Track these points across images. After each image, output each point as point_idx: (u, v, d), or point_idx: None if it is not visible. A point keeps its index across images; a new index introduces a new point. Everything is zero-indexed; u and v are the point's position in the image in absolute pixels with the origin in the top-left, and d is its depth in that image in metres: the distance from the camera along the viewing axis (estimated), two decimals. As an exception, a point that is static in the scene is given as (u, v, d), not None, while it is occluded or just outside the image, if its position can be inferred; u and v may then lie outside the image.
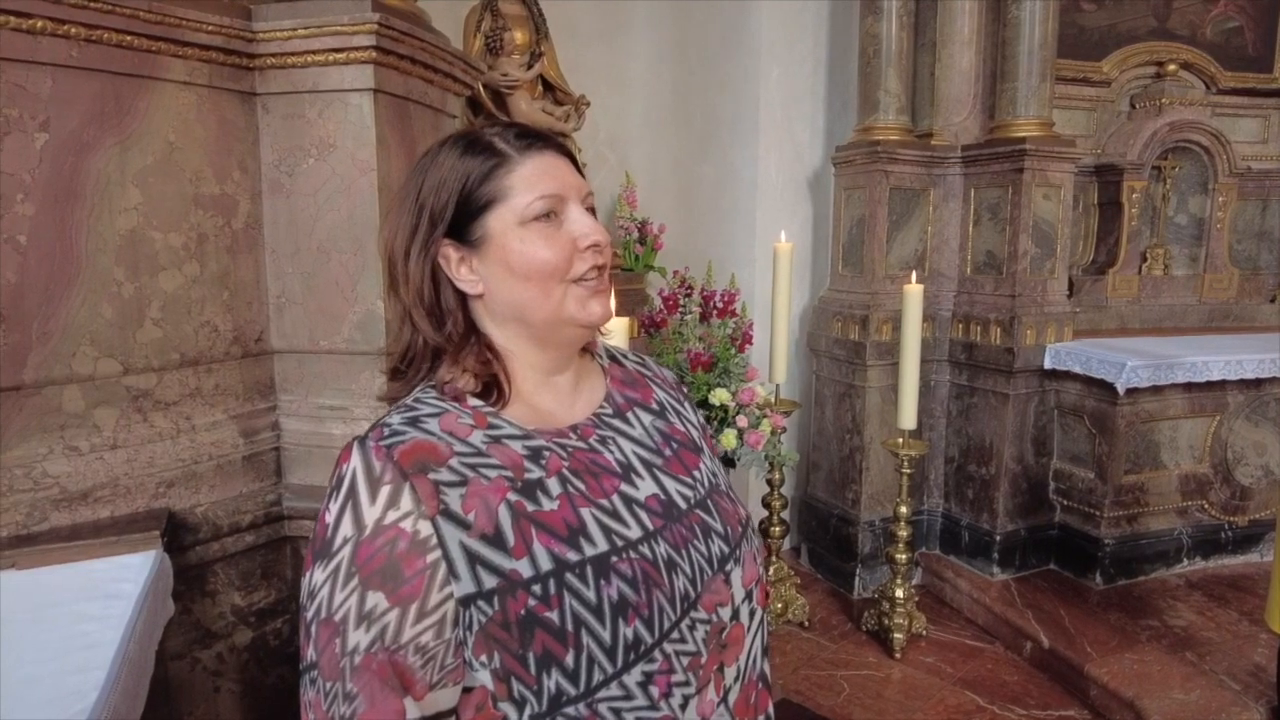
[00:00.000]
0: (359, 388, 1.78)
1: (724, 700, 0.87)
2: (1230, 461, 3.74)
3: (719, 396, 2.84)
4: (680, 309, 3.08)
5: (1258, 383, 3.59)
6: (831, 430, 4.04)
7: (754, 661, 0.93)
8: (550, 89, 3.82)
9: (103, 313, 1.49)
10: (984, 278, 3.76)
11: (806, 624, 3.59)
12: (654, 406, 1.00)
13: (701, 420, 1.07)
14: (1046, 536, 3.81)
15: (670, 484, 0.92)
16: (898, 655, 3.33)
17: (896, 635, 3.34)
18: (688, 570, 0.85)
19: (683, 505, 0.91)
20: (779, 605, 3.52)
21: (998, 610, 3.52)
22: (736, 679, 0.89)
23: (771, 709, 0.97)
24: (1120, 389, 3.33)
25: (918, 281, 3.18)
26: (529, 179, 0.86)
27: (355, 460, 0.79)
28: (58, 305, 1.43)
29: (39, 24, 1.34)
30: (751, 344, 3.16)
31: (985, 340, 3.68)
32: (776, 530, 3.55)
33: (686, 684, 0.82)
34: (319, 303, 1.76)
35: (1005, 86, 3.65)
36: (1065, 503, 3.77)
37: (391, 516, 0.76)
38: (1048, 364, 3.60)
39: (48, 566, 1.28)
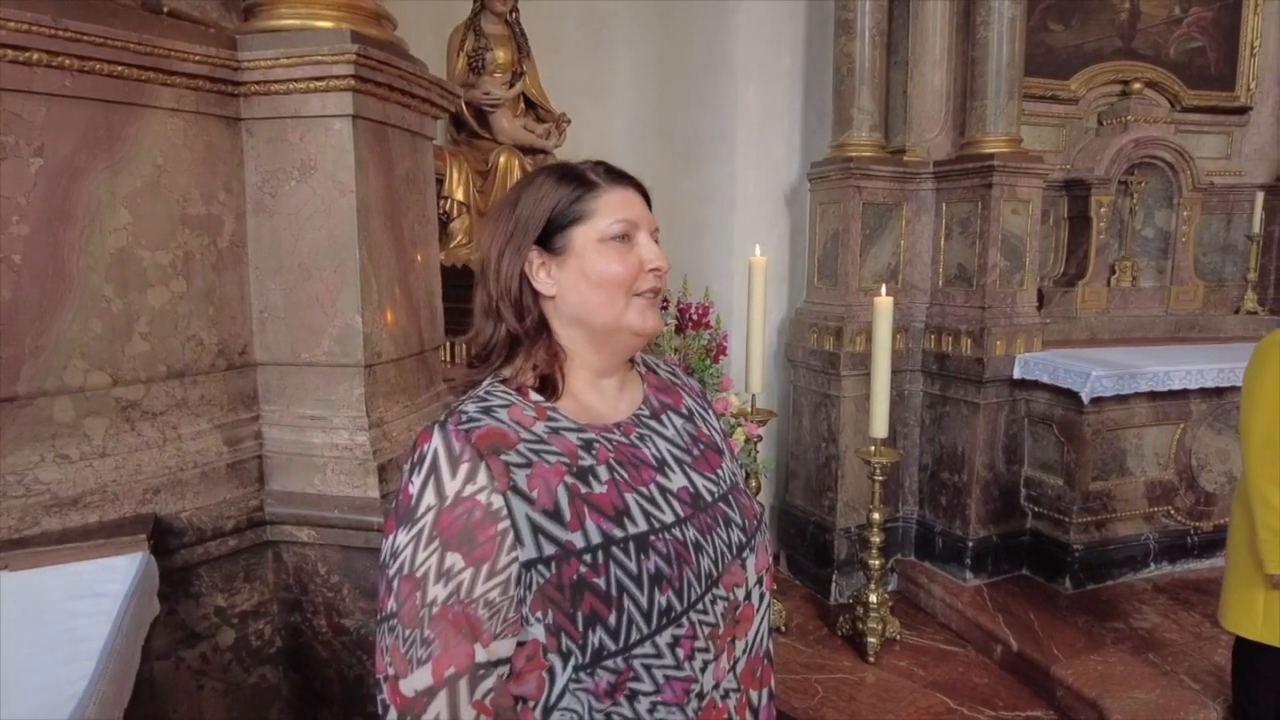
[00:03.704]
0: (338, 398, 1.86)
1: (733, 669, 1.00)
2: (1195, 468, 3.85)
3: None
4: (657, 321, 3.16)
5: (1219, 391, 3.70)
6: (809, 439, 4.13)
7: (761, 639, 1.06)
8: (532, 106, 3.90)
9: (93, 328, 1.56)
10: (955, 290, 3.86)
11: (783, 629, 3.66)
12: (684, 411, 1.13)
13: (722, 427, 1.20)
14: (1018, 542, 3.91)
15: (698, 479, 1.05)
16: (871, 659, 3.41)
17: (870, 639, 3.42)
18: (712, 553, 0.98)
19: (708, 498, 1.04)
20: (756, 610, 3.60)
21: (970, 615, 3.60)
22: (745, 651, 1.02)
23: (774, 683, 1.09)
24: (1085, 398, 3.43)
25: (892, 294, 3.28)
26: (612, 205, 1.01)
27: (437, 441, 0.92)
28: (50, 321, 1.51)
29: (35, 56, 1.42)
30: (726, 355, 3.25)
31: (956, 351, 3.78)
32: (753, 537, 3.63)
33: (706, 650, 0.95)
34: (300, 317, 1.84)
35: (975, 104, 3.76)
36: (1036, 509, 3.87)
37: (469, 490, 0.89)
38: (1017, 374, 3.70)
39: (39, 568, 1.35)
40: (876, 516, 3.41)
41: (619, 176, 1.05)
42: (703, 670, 0.95)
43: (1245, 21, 4.31)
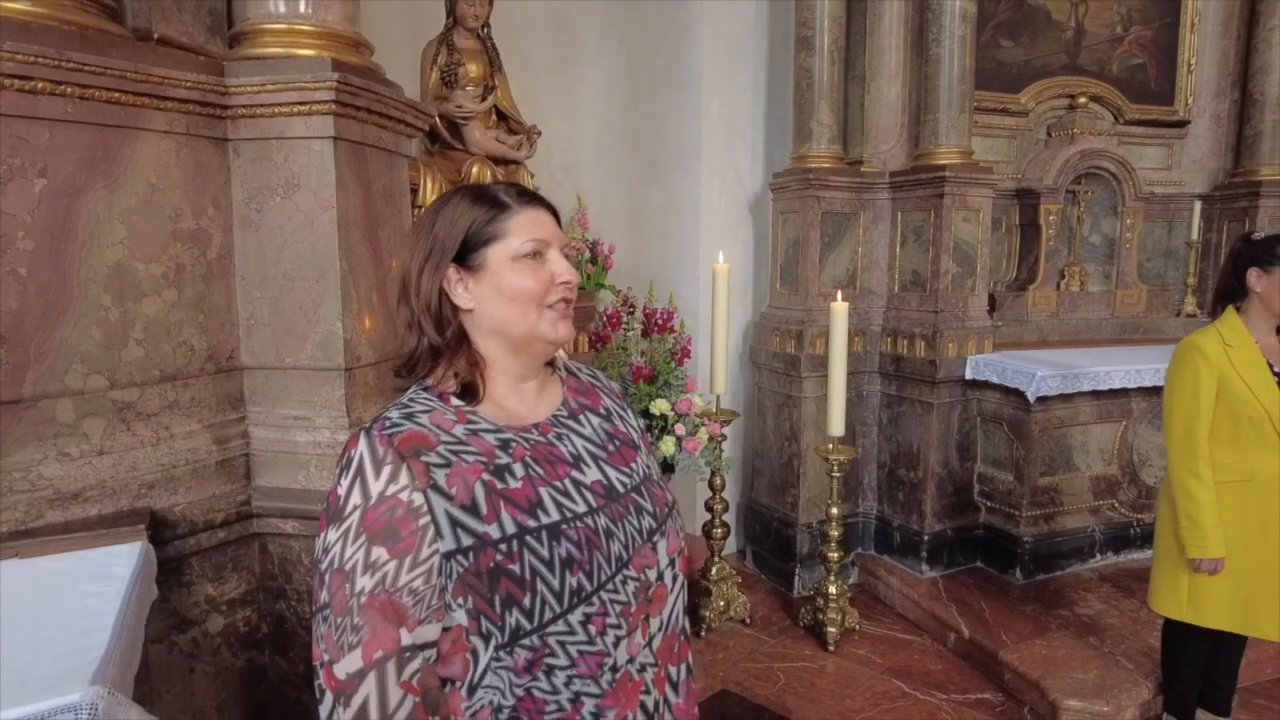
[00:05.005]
0: (320, 399, 1.99)
1: (649, 644, 1.09)
2: (1136, 463, 4.05)
3: (659, 407, 3.07)
4: (623, 326, 3.31)
5: (1158, 390, 3.86)
6: (772, 438, 4.28)
7: (676, 617, 1.15)
8: (504, 118, 4.03)
9: (92, 334, 1.69)
10: (910, 295, 4.03)
11: (748, 621, 3.80)
12: (602, 411, 1.23)
13: (641, 424, 1.31)
14: (973, 536, 4.07)
15: (612, 473, 1.13)
16: (831, 648, 3.56)
17: (830, 629, 3.57)
18: (622, 538, 1.07)
19: (621, 489, 1.12)
20: (721, 603, 3.74)
21: (925, 605, 3.76)
22: (660, 629, 1.11)
23: (691, 659, 1.19)
24: (1031, 397, 3.61)
25: (850, 299, 3.44)
26: (524, 225, 1.09)
27: (362, 446, 1.01)
28: (53, 328, 1.64)
29: (40, 85, 1.55)
30: (690, 358, 3.40)
31: (911, 353, 3.95)
32: (718, 532, 3.77)
33: (618, 626, 1.04)
34: (284, 324, 1.98)
35: (928, 118, 3.94)
36: (989, 504, 4.04)
37: (392, 489, 0.97)
38: (969, 375, 3.87)
39: (47, 556, 1.47)
40: (835, 511, 3.56)
41: (530, 198, 1.13)
42: (615, 645, 1.03)
43: (1183, 40, 4.52)
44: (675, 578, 1.14)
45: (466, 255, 1.08)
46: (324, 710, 0.95)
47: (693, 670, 1.19)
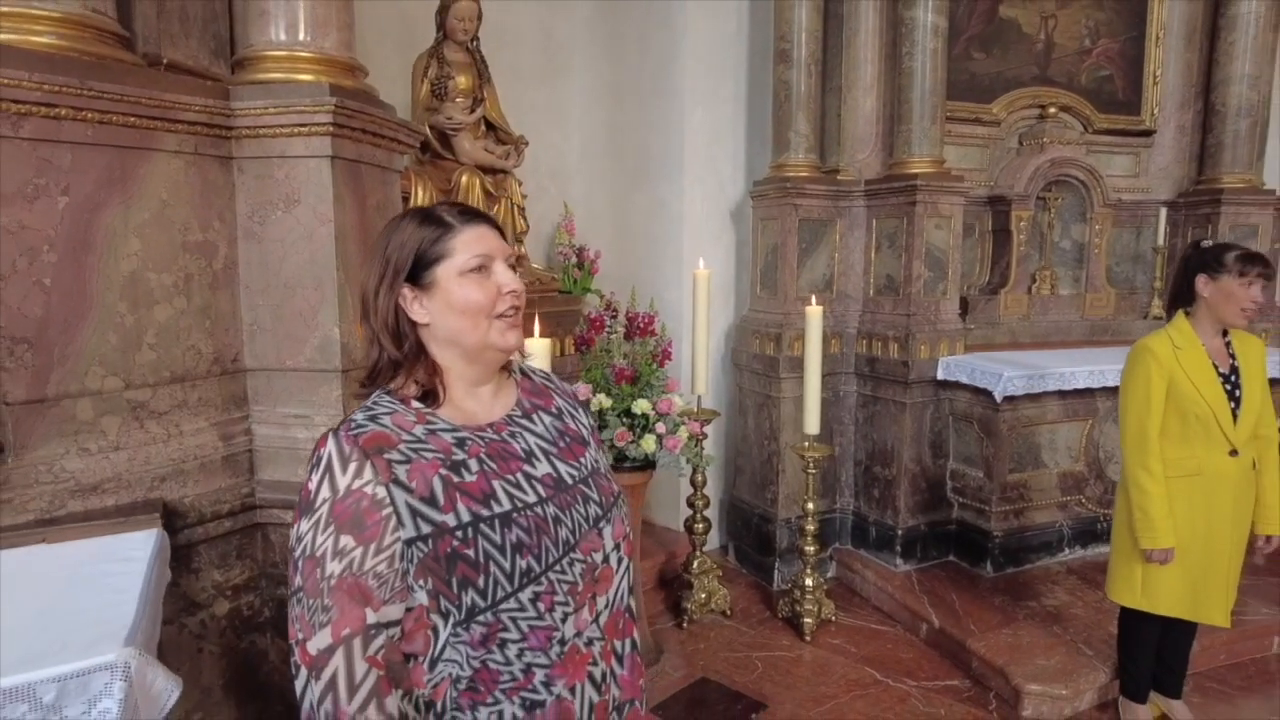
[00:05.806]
0: (319, 399, 2.14)
1: (596, 620, 1.21)
2: (1102, 460, 4.21)
3: (640, 406, 3.20)
4: (606, 329, 3.45)
5: (1121, 389, 4.05)
6: (753, 437, 4.44)
7: (621, 596, 1.27)
8: (492, 129, 4.18)
9: (109, 339, 1.84)
10: (884, 299, 4.19)
11: (728, 613, 3.95)
12: (554, 410, 1.34)
13: (591, 422, 1.43)
14: (945, 531, 4.23)
15: (561, 466, 1.23)
16: (808, 638, 3.70)
17: (806, 620, 3.72)
18: (569, 524, 1.17)
19: (569, 481, 1.22)
20: (703, 596, 3.89)
21: (899, 597, 3.91)
22: (606, 606, 1.23)
23: (636, 635, 1.31)
24: (998, 396, 3.76)
25: (827, 303, 3.57)
26: (468, 242, 1.17)
27: (330, 445, 1.12)
28: (74, 334, 1.78)
29: (62, 112, 1.70)
30: (671, 360, 3.53)
31: (885, 354, 4.10)
32: (699, 527, 3.92)
33: (566, 604, 1.14)
34: (285, 329, 2.12)
35: (901, 128, 4.09)
36: (961, 500, 4.19)
37: (357, 483, 1.06)
38: (940, 375, 4.02)
39: (71, 541, 1.61)
40: (811, 507, 3.71)
41: (472, 215, 1.21)
42: (563, 620, 1.13)
43: (1148, 53, 4.69)
44: (620, 560, 1.25)
45: (418, 274, 1.16)
46: (299, 683, 1.05)
47: (638, 645, 1.30)
